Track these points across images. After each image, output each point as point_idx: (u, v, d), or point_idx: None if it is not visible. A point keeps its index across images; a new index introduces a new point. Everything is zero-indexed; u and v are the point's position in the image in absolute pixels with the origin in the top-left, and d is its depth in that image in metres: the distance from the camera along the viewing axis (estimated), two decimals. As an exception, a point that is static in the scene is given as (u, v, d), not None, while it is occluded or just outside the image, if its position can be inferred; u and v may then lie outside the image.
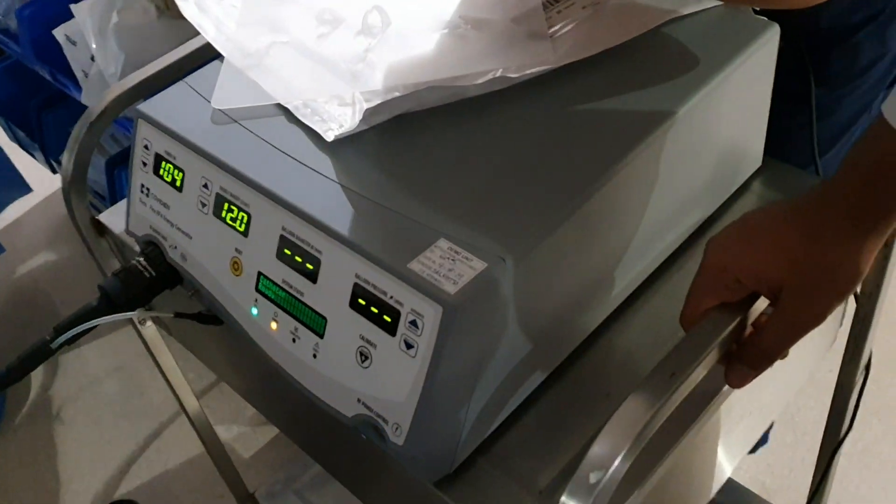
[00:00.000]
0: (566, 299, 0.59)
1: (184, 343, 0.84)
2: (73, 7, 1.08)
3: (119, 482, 1.48)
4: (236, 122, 0.64)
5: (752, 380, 0.53)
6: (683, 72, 0.63)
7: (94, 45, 1.07)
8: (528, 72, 0.62)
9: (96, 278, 0.73)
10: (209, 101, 0.66)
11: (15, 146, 1.80)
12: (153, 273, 0.68)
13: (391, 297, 0.52)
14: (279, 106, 0.64)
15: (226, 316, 0.64)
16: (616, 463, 0.45)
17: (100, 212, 0.83)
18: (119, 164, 1.39)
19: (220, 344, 0.75)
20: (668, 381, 0.48)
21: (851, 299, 0.77)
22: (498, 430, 0.59)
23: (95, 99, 1.19)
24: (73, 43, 1.12)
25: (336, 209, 0.56)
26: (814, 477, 0.94)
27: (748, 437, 0.76)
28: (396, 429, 0.53)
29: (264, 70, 0.67)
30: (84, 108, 1.11)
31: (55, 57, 1.21)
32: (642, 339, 0.64)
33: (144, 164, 0.68)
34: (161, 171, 0.66)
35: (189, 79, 0.69)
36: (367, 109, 0.61)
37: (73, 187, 0.79)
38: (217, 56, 0.71)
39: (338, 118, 0.62)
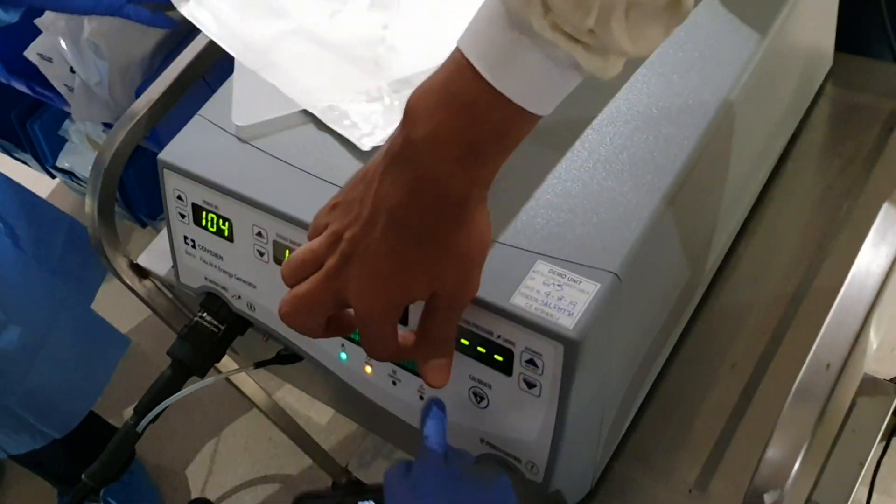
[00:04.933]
0: (673, 282, 0.54)
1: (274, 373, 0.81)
2: (38, 22, 1.00)
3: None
4: (272, 156, 0.58)
5: None
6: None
7: (72, 60, 0.99)
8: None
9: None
10: (234, 136, 0.60)
11: (5, 157, 1.72)
12: (220, 327, 0.63)
13: (499, 337, 0.48)
14: (306, 111, 0.58)
15: (312, 360, 0.60)
16: (791, 478, 0.42)
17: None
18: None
19: (313, 379, 0.72)
20: (826, 375, 0.44)
21: None
22: (628, 427, 0.56)
23: (85, 112, 1.12)
24: (49, 60, 1.04)
25: (413, 244, 0.51)
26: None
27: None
28: (531, 467, 0.50)
29: (277, 69, 0.60)
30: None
31: (31, 70, 1.13)
32: (747, 296, 0.60)
33: (183, 215, 0.62)
34: (204, 223, 0.61)
35: (204, 111, 0.63)
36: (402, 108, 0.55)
37: (105, 238, 0.74)
38: (224, 59, 0.64)
39: (369, 118, 0.56)
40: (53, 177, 1.63)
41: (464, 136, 0.39)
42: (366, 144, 0.55)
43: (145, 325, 1.61)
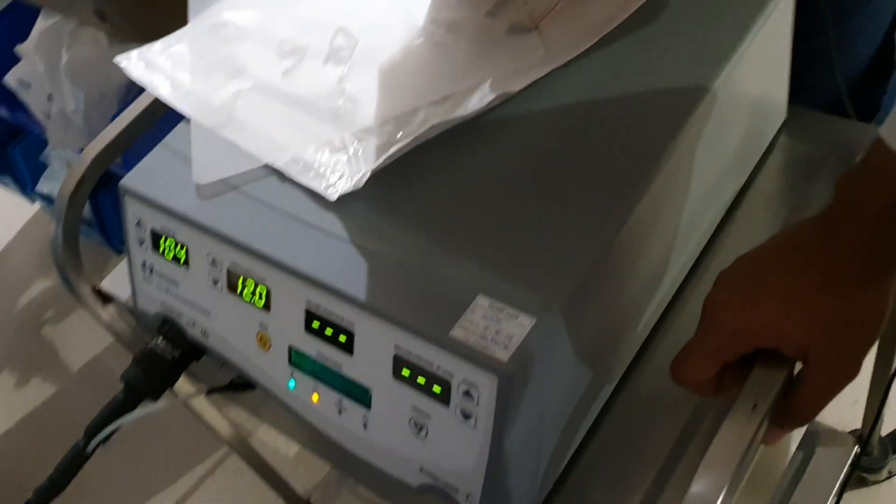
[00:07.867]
0: (617, 321, 0.56)
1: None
2: (19, 49, 1.01)
3: None
4: (232, 185, 0.59)
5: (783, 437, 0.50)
6: (702, 45, 0.58)
7: (48, 86, 1.01)
8: (529, 80, 0.57)
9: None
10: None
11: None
12: (175, 353, 0.64)
13: (438, 368, 0.49)
14: (268, 166, 0.59)
15: (262, 388, 0.61)
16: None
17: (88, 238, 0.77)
18: (100, 190, 1.34)
19: (272, 410, 0.72)
20: (752, 415, 0.45)
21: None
22: (568, 461, 0.57)
23: (62, 139, 1.14)
24: (27, 86, 1.06)
25: (360, 275, 0.52)
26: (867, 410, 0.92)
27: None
28: (468, 496, 0.51)
29: (238, 126, 0.62)
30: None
31: (11, 96, 1.15)
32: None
33: (141, 241, 0.63)
34: (161, 249, 0.62)
35: (168, 140, 0.64)
36: (365, 157, 0.56)
37: (68, 262, 0.75)
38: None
39: (335, 168, 0.57)
40: (33, 201, 1.64)
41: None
42: (332, 195, 0.55)
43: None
